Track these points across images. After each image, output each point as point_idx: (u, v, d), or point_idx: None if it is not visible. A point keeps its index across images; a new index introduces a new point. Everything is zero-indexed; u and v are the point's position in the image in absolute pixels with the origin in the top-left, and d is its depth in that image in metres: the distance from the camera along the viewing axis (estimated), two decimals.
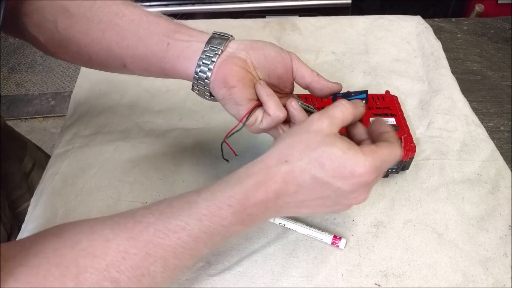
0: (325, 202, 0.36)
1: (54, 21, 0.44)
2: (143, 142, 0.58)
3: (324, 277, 0.44)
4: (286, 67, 0.42)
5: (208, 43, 0.41)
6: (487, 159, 0.54)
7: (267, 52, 0.41)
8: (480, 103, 0.64)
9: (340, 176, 0.33)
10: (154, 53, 0.42)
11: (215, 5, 1.38)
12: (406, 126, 0.50)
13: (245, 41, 0.42)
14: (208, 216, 0.33)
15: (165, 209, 0.34)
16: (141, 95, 0.65)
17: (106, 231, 0.33)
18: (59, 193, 0.52)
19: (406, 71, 0.67)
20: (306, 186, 0.34)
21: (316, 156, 0.33)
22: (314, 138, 0.34)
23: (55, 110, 1.84)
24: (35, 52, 2.08)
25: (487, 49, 0.73)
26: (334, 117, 0.36)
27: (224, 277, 0.44)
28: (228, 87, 0.40)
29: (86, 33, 0.44)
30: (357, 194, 0.35)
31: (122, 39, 0.43)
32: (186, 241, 0.33)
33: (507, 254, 0.45)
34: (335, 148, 0.33)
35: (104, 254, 0.31)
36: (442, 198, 0.50)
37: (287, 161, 0.34)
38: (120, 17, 0.43)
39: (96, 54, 0.45)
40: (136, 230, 0.33)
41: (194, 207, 0.34)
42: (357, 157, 0.33)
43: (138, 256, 0.32)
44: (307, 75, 0.42)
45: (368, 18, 0.77)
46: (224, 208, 0.34)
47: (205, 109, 0.62)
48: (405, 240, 0.47)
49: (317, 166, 0.33)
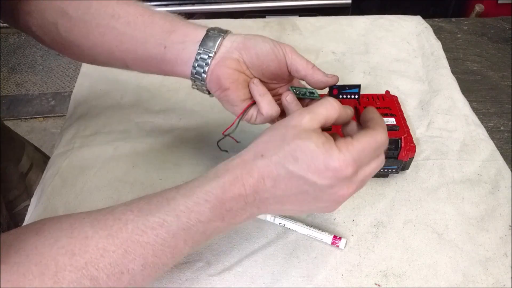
0: (305, 198, 0.35)
1: (55, 24, 0.44)
2: (143, 142, 0.58)
3: (324, 277, 0.44)
4: (279, 62, 0.41)
5: (202, 44, 0.41)
6: (487, 159, 0.54)
7: (259, 51, 0.41)
8: (480, 103, 0.64)
9: (314, 170, 0.33)
10: (152, 57, 0.43)
11: (215, 5, 1.38)
12: (406, 126, 0.50)
13: (239, 37, 0.42)
14: (185, 213, 0.33)
15: (144, 206, 0.34)
16: (141, 95, 0.65)
17: (86, 228, 0.33)
18: (59, 193, 0.52)
19: (406, 71, 0.67)
20: (282, 181, 0.34)
21: (290, 150, 0.33)
22: (291, 132, 0.34)
23: (55, 110, 1.84)
24: (35, 52, 2.08)
25: (487, 49, 0.73)
26: (317, 113, 0.35)
27: (224, 277, 0.44)
28: (222, 89, 0.41)
29: (86, 36, 0.44)
30: (337, 188, 0.34)
31: (120, 43, 0.44)
32: (164, 238, 0.33)
33: (507, 254, 0.45)
34: (309, 141, 0.33)
35: (83, 252, 0.31)
36: (442, 198, 0.50)
37: (263, 155, 0.34)
38: (116, 19, 0.43)
39: (99, 55, 0.46)
40: (115, 227, 0.33)
41: (172, 203, 0.34)
42: (331, 151, 0.32)
43: (117, 254, 0.32)
44: (301, 69, 0.41)
45: (368, 18, 0.77)
46: (202, 203, 0.34)
47: (205, 109, 0.62)
48: (405, 240, 0.47)
49: (291, 159, 0.33)
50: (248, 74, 0.42)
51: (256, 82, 0.41)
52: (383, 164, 0.37)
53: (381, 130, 0.35)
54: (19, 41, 2.14)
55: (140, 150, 0.57)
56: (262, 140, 0.35)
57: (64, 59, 2.05)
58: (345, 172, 0.33)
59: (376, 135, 0.35)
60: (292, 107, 0.41)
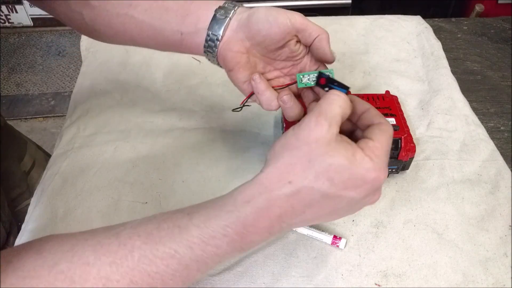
0: (338, 212, 0.33)
1: (80, 13, 0.46)
2: (143, 142, 0.58)
3: (324, 277, 0.44)
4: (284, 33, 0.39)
5: (210, 28, 0.42)
6: (487, 159, 0.54)
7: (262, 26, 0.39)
8: (480, 103, 0.64)
9: (352, 186, 0.31)
10: (171, 43, 0.45)
11: None
12: (406, 126, 0.50)
13: (245, 13, 0.41)
14: (200, 245, 0.31)
15: (153, 232, 0.32)
16: (141, 95, 0.65)
17: (87, 253, 0.30)
18: (59, 193, 0.52)
19: (406, 71, 0.67)
20: (316, 204, 0.31)
21: (322, 171, 0.30)
22: (316, 150, 0.31)
23: (55, 110, 1.84)
24: (35, 52, 2.08)
25: (487, 49, 0.73)
26: (333, 117, 0.32)
27: (224, 277, 0.44)
28: (228, 69, 0.43)
29: (109, 25, 0.46)
30: (370, 196, 0.33)
31: (141, 31, 0.45)
32: (176, 269, 0.31)
33: (507, 254, 0.45)
34: (340, 157, 0.30)
35: (84, 280, 0.29)
36: (442, 198, 0.50)
37: (291, 182, 0.31)
38: (133, 8, 0.45)
39: (124, 42, 0.48)
40: (120, 254, 0.30)
41: (184, 233, 0.31)
42: (363, 162, 0.31)
43: (121, 284, 0.29)
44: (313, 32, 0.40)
45: (368, 18, 0.77)
46: (219, 237, 0.31)
47: (205, 109, 0.62)
48: (405, 240, 0.47)
49: (325, 182, 0.30)
50: (254, 54, 0.42)
51: (256, 78, 0.41)
52: None
53: (387, 123, 0.35)
54: (19, 41, 2.14)
55: (140, 150, 0.57)
56: (284, 162, 0.32)
57: (64, 59, 2.05)
58: (382, 180, 0.32)
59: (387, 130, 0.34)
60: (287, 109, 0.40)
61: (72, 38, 2.14)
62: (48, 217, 0.50)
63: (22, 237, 0.49)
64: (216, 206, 0.32)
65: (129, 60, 0.70)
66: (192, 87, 0.66)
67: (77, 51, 2.07)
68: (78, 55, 2.03)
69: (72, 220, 0.49)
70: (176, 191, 0.52)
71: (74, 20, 0.48)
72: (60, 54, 2.08)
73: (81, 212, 0.50)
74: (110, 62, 0.70)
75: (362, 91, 0.63)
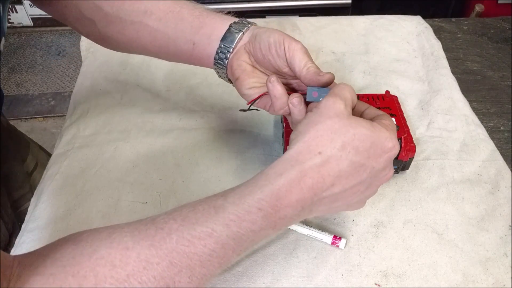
0: (360, 188, 0.35)
1: (92, 20, 0.47)
2: (143, 142, 0.58)
3: (324, 277, 0.44)
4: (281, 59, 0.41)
5: (223, 40, 0.44)
6: (487, 159, 0.54)
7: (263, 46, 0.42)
8: (480, 103, 0.64)
9: (373, 155, 0.33)
10: (183, 52, 0.46)
11: (215, 5, 1.38)
12: (406, 126, 0.50)
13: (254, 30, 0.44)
14: (236, 222, 0.31)
15: (189, 214, 0.32)
16: (141, 95, 0.65)
17: (126, 238, 0.31)
18: (59, 193, 0.52)
19: (406, 71, 0.67)
20: (344, 175, 0.33)
21: (348, 141, 0.33)
22: (340, 122, 0.33)
23: (55, 110, 1.84)
24: (35, 52, 2.08)
25: (487, 49, 0.73)
26: (346, 98, 0.35)
27: (224, 277, 0.44)
28: (234, 78, 0.44)
29: (122, 32, 0.47)
30: (387, 169, 0.35)
31: (154, 39, 0.46)
32: (213, 248, 0.31)
33: (507, 254, 0.45)
34: (363, 128, 0.33)
35: (124, 264, 0.29)
36: (442, 198, 0.50)
37: (320, 152, 0.32)
38: (148, 15, 0.45)
39: (135, 50, 0.50)
40: (158, 237, 0.31)
41: (221, 212, 0.32)
42: (383, 131, 0.34)
43: (161, 266, 0.30)
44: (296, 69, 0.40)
45: (368, 18, 0.77)
46: (254, 212, 0.31)
47: (205, 109, 0.62)
48: (405, 240, 0.47)
49: (351, 150, 0.32)
50: (257, 67, 0.44)
51: (273, 80, 0.40)
52: None
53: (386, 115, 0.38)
54: (19, 41, 2.14)
55: (140, 150, 0.57)
56: (310, 136, 0.33)
57: (64, 59, 2.05)
58: (396, 151, 0.34)
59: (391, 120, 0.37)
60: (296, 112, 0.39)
61: (72, 38, 2.14)
62: (48, 217, 0.50)
63: (22, 237, 0.49)
64: (249, 184, 0.33)
65: (129, 60, 0.70)
66: (192, 87, 0.66)
67: (77, 51, 2.07)
68: (78, 55, 2.03)
69: (72, 220, 0.49)
70: (176, 191, 0.52)
71: (85, 27, 0.48)
72: (60, 54, 2.08)
73: (81, 212, 0.50)
74: (110, 62, 0.70)
75: (362, 91, 0.63)
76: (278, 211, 0.32)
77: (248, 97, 0.44)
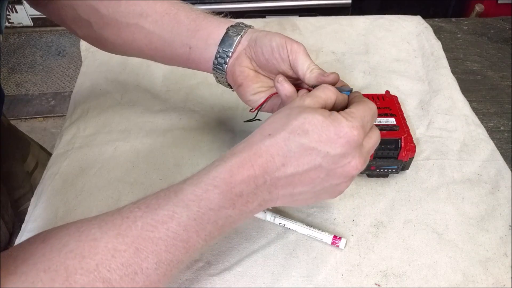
0: (318, 174, 0.34)
1: (88, 21, 0.47)
2: (143, 142, 0.58)
3: (324, 277, 0.44)
4: (284, 61, 0.42)
5: (221, 44, 0.44)
6: (487, 159, 0.54)
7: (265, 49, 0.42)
8: (480, 103, 0.64)
9: (326, 139, 0.33)
10: (179, 56, 0.46)
11: (215, 5, 1.38)
12: (406, 126, 0.50)
13: (254, 34, 0.43)
14: (195, 201, 0.32)
15: (152, 201, 0.33)
16: (141, 95, 0.65)
17: (94, 230, 0.32)
18: (59, 193, 0.52)
19: (406, 71, 0.67)
20: (293, 156, 0.33)
21: (298, 124, 0.33)
22: (295, 110, 0.35)
23: (55, 110, 1.84)
24: (35, 52, 2.08)
25: (487, 49, 0.73)
26: (317, 96, 0.36)
27: (224, 277, 0.44)
28: (237, 85, 0.44)
29: (118, 35, 0.47)
30: (350, 157, 0.34)
31: (150, 42, 0.46)
32: (176, 231, 0.32)
33: (507, 254, 0.45)
34: (316, 113, 0.33)
35: (93, 254, 0.30)
36: (442, 198, 0.50)
37: (270, 134, 0.34)
38: (144, 18, 0.45)
39: (131, 52, 0.50)
40: (124, 226, 0.32)
41: (180, 194, 0.33)
42: (338, 120, 0.34)
43: (128, 253, 0.31)
44: (299, 71, 0.41)
45: (368, 18, 0.77)
46: (210, 189, 0.33)
47: (205, 109, 0.62)
48: (405, 240, 0.47)
49: (300, 133, 0.33)
50: (260, 71, 0.44)
51: (280, 80, 0.41)
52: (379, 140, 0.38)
53: (368, 100, 0.37)
54: (19, 41, 2.14)
55: (140, 150, 0.57)
56: (267, 122, 0.35)
57: (64, 59, 2.05)
58: (357, 137, 0.33)
59: (367, 103, 0.36)
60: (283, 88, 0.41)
61: (72, 38, 2.14)
62: (48, 217, 0.50)
63: (22, 237, 0.49)
64: (208, 166, 0.35)
65: (129, 60, 0.70)
66: (192, 87, 0.66)
67: (77, 51, 2.07)
68: (78, 55, 2.03)
69: (72, 220, 0.49)
70: None
71: (82, 28, 0.48)
72: (60, 54, 2.08)
73: (81, 212, 0.50)
74: (110, 62, 0.70)
75: (362, 91, 0.63)
76: (233, 187, 0.33)
77: (253, 103, 0.44)
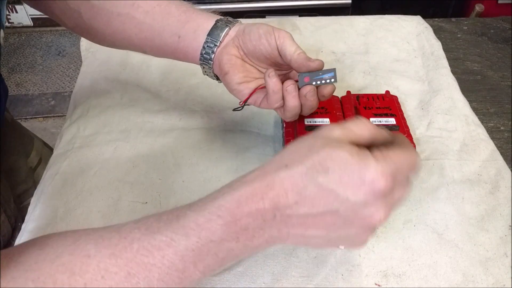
0: (334, 220, 0.30)
1: (78, 11, 0.47)
2: (143, 142, 0.58)
3: (324, 277, 0.44)
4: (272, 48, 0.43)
5: (210, 34, 0.45)
6: (487, 159, 0.54)
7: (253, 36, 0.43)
8: (480, 103, 0.64)
9: (347, 183, 0.29)
10: (168, 45, 0.47)
11: (215, 5, 1.38)
12: (406, 126, 0.50)
13: (242, 25, 0.45)
14: (195, 231, 0.30)
15: (153, 224, 0.31)
16: (141, 95, 0.65)
17: (89, 246, 0.30)
18: (59, 193, 0.52)
19: (406, 71, 0.67)
20: (309, 195, 0.29)
21: (320, 159, 0.29)
22: (320, 141, 0.30)
23: (55, 110, 1.84)
24: (35, 52, 2.08)
25: (487, 49, 0.73)
26: (348, 129, 0.31)
27: (224, 277, 0.44)
28: (223, 73, 0.45)
29: (108, 24, 0.47)
30: (373, 208, 0.29)
31: (139, 31, 0.47)
32: (171, 260, 0.30)
33: (507, 254, 0.45)
34: (341, 150, 0.29)
35: (83, 272, 0.29)
36: (442, 198, 0.50)
37: (287, 165, 0.30)
38: (135, 8, 0.46)
39: (119, 42, 0.50)
40: (120, 246, 0.30)
41: (181, 220, 0.31)
42: (366, 160, 0.29)
43: (119, 276, 0.29)
44: (287, 54, 0.43)
45: (368, 18, 0.77)
46: (213, 219, 0.30)
47: (205, 109, 0.62)
48: (405, 240, 0.47)
49: (320, 170, 0.29)
50: (247, 60, 0.45)
51: (271, 75, 0.42)
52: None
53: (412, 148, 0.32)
54: (19, 41, 2.14)
55: (140, 150, 0.57)
56: (287, 151, 0.32)
57: (64, 59, 2.05)
58: (383, 186, 0.28)
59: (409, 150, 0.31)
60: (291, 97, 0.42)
61: (72, 38, 2.14)
62: (48, 217, 0.50)
63: (22, 237, 0.49)
64: (215, 192, 0.32)
65: (129, 60, 0.70)
66: (192, 87, 0.66)
67: (77, 51, 2.07)
68: (78, 55, 2.03)
69: (72, 220, 0.49)
70: (176, 191, 0.52)
71: (71, 19, 0.49)
72: (60, 54, 2.08)
73: (81, 212, 0.50)
74: (110, 62, 0.70)
75: (362, 91, 0.63)
76: (239, 220, 0.30)
77: (238, 92, 0.45)
